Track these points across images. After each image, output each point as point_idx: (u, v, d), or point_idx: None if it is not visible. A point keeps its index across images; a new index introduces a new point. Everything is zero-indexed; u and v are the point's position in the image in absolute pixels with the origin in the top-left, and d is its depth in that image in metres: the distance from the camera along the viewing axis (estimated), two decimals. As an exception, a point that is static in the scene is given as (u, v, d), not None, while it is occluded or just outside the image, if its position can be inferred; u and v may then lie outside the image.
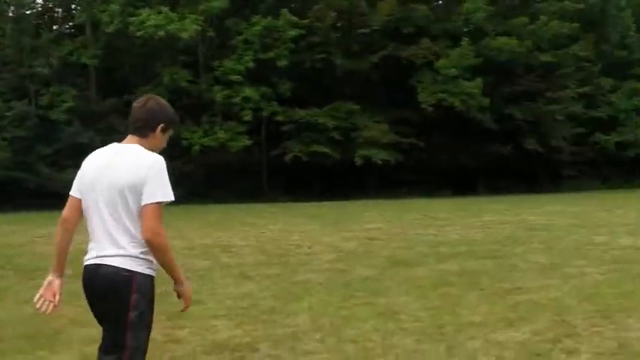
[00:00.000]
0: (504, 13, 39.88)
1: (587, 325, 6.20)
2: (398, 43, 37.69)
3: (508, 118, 38.19)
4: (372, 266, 10.30)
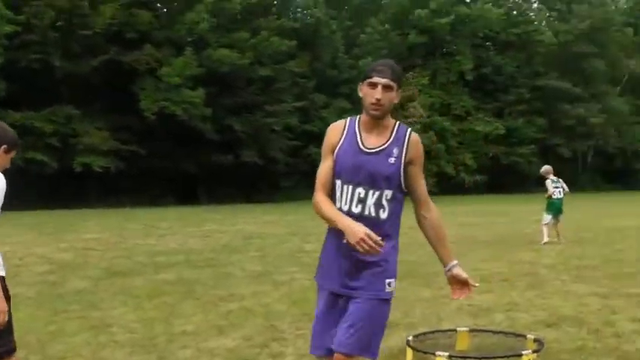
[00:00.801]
0: (227, 26, 40.82)
1: (294, 329, 6.62)
2: (120, 47, 36.87)
3: (228, 128, 38.99)
4: (88, 278, 10.04)
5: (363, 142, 3.25)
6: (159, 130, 36.99)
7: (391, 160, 3.23)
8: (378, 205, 3.24)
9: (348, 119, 3.39)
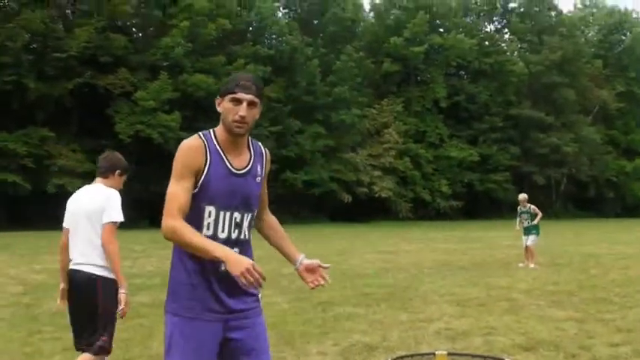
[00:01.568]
0: (202, 51, 40.92)
1: (272, 352, 6.52)
2: (95, 71, 36.79)
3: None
4: (61, 300, 9.89)
5: (231, 164, 3.02)
6: (135, 153, 36.79)
7: (257, 180, 3.11)
8: (249, 227, 3.11)
9: (202, 137, 3.06)
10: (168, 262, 3.31)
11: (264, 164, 3.16)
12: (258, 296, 3.17)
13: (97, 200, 4.74)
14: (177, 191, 2.92)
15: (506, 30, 65.76)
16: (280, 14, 51.55)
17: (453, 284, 11.92)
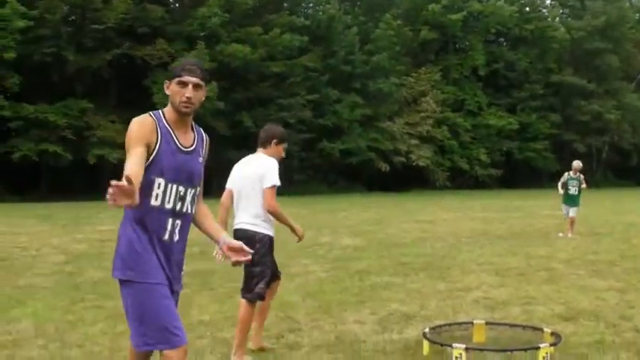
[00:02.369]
0: (238, 21, 40.83)
1: (309, 320, 6.62)
2: (133, 42, 36.99)
3: (241, 123, 38.98)
4: (103, 268, 10.02)
5: (179, 141, 3.33)
6: (172, 124, 37.10)
7: (200, 160, 3.45)
8: (192, 202, 3.41)
9: (152, 115, 3.32)
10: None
11: (205, 147, 3.52)
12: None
13: (258, 168, 5.41)
14: (132, 162, 3.08)
15: (548, -5, 64.40)
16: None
17: (491, 253, 11.84)
